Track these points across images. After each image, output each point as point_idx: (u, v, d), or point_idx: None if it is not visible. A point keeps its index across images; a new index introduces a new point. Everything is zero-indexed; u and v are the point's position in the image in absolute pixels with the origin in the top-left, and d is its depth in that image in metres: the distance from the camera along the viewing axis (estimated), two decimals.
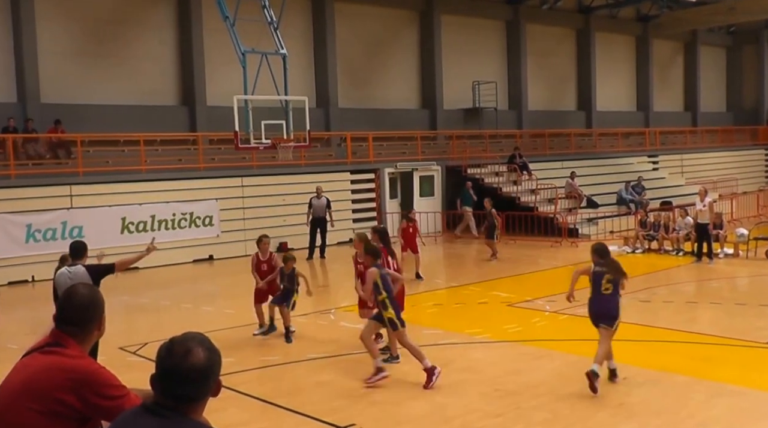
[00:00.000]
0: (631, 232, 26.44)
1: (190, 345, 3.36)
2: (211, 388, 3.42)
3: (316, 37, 33.24)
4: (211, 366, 3.38)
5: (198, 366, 3.32)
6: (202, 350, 3.36)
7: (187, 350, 3.33)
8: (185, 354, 3.32)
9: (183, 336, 3.42)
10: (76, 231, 22.81)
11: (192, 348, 3.34)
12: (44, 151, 25.20)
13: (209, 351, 3.39)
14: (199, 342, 3.40)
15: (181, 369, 3.30)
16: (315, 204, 25.32)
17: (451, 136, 35.55)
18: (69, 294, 4.34)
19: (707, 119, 53.04)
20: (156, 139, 27.29)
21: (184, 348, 3.34)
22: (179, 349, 3.34)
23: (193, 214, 25.51)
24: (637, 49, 49.43)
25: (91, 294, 4.34)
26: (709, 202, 22.55)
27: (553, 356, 12.47)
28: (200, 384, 3.35)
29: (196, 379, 3.33)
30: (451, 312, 16.72)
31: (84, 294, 4.30)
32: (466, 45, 38.77)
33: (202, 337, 3.44)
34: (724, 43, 56.47)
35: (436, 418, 9.63)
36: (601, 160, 38.62)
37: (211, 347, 3.43)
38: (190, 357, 3.31)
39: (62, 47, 26.83)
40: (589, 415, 9.54)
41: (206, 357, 3.36)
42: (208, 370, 3.36)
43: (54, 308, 4.32)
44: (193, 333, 3.48)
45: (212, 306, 18.24)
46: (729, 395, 10.19)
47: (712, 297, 18.05)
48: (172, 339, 3.42)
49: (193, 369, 3.31)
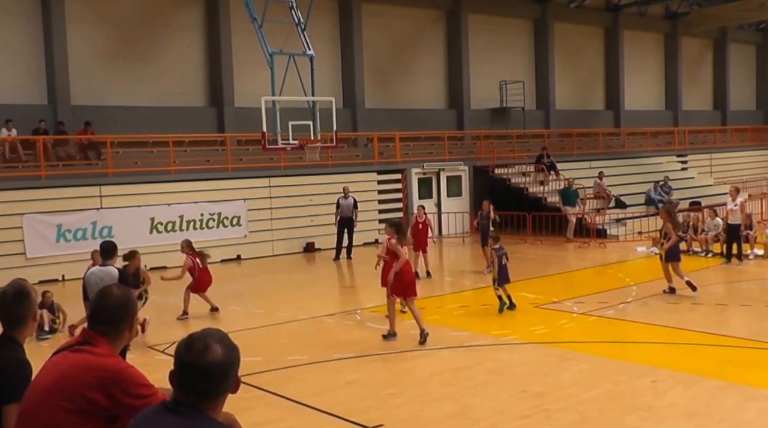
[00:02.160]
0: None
1: (209, 341, 3.36)
2: (230, 385, 3.41)
3: (343, 38, 33.48)
4: (230, 362, 3.37)
5: (217, 362, 3.32)
6: (220, 346, 3.36)
7: (206, 346, 3.34)
8: (204, 350, 3.32)
9: (202, 333, 3.42)
10: (106, 231, 23.15)
11: (211, 345, 3.34)
12: (74, 152, 25.60)
13: (228, 348, 3.39)
14: (218, 338, 3.40)
15: (199, 366, 3.30)
16: (342, 204, 25.51)
17: (479, 135, 35.62)
18: (102, 294, 4.37)
19: (737, 118, 52.66)
20: (184, 140, 27.65)
21: (202, 344, 3.35)
22: (198, 345, 3.34)
23: (221, 214, 25.79)
24: (666, 47, 49.18)
25: (124, 294, 4.37)
26: (741, 202, 22.41)
27: (581, 358, 12.43)
28: (219, 381, 3.34)
29: (214, 375, 3.32)
30: (478, 314, 16.68)
31: (117, 295, 4.32)
32: (493, 44, 38.83)
33: (221, 334, 3.44)
34: (754, 40, 55.97)
35: (464, 419, 9.63)
36: (629, 159, 38.52)
37: (230, 344, 3.42)
38: (208, 354, 3.32)
39: (92, 50, 27.20)
40: (617, 418, 9.48)
41: (225, 353, 3.35)
42: (227, 366, 3.36)
43: (83, 307, 4.45)
44: (212, 330, 3.48)
45: (240, 305, 18.41)
46: (761, 399, 10.14)
47: (742, 299, 17.95)
48: (191, 336, 3.43)
49: (212, 366, 3.31)
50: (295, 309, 17.62)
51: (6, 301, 4.86)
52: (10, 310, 4.85)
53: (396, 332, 14.19)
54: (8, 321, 4.87)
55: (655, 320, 15.22)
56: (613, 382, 10.94)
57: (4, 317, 4.88)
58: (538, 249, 24.17)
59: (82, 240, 22.95)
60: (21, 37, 25.93)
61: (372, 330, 15.03)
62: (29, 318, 4.90)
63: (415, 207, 29.60)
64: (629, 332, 14.53)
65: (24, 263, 21.94)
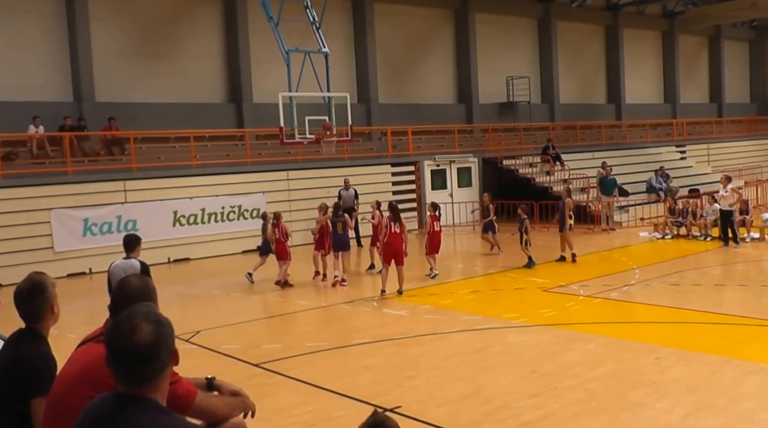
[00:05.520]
0: (660, 219, 26.93)
1: (135, 321, 3.13)
2: (167, 362, 3.17)
3: (356, 36, 33.94)
4: (160, 339, 3.13)
5: (146, 343, 3.09)
6: (147, 324, 3.12)
7: (132, 328, 3.10)
8: (130, 332, 3.10)
9: (128, 312, 3.20)
10: (131, 225, 23.51)
11: (137, 325, 3.11)
12: (99, 148, 25.85)
13: (156, 324, 3.15)
14: (144, 316, 3.17)
15: (128, 349, 3.08)
16: (344, 195, 25.94)
17: (487, 129, 36.34)
18: (122, 284, 4.31)
19: (732, 110, 53.61)
20: (205, 136, 27.99)
21: (129, 325, 3.12)
22: (124, 327, 3.13)
23: (242, 206, 26.15)
24: (664, 44, 50.08)
25: (144, 284, 4.30)
26: (732, 188, 23.04)
27: (588, 338, 12.70)
28: (153, 361, 3.11)
29: (146, 357, 3.09)
30: (489, 298, 17.08)
31: (136, 285, 4.26)
32: (499, 42, 39.51)
33: (148, 310, 3.23)
34: (747, 37, 56.88)
35: (477, 399, 9.83)
36: (630, 150, 39.25)
37: (158, 319, 3.19)
38: (135, 336, 3.08)
39: (115, 48, 27.50)
40: (623, 394, 9.72)
41: (153, 330, 3.12)
42: (158, 344, 3.12)
43: (109, 299, 4.41)
44: (139, 307, 3.26)
45: (261, 295, 18.73)
46: (759, 373, 10.40)
47: (739, 279, 18.57)
48: (118, 317, 3.23)
49: (142, 347, 3.08)
50: (313, 296, 18.12)
51: (22, 297, 4.81)
52: (27, 306, 4.80)
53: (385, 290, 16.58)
54: (27, 316, 4.83)
55: (658, 301, 15.67)
56: (618, 360, 11.23)
57: (23, 312, 4.82)
58: (545, 236, 24.27)
59: (108, 233, 23.20)
60: (47, 37, 26.12)
61: (388, 315, 15.44)
62: (47, 311, 4.82)
63: (427, 198, 29.90)
64: (633, 313, 14.94)
65: (52, 257, 22.26)
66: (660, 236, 25.59)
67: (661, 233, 25.76)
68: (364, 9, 33.69)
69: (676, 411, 9.10)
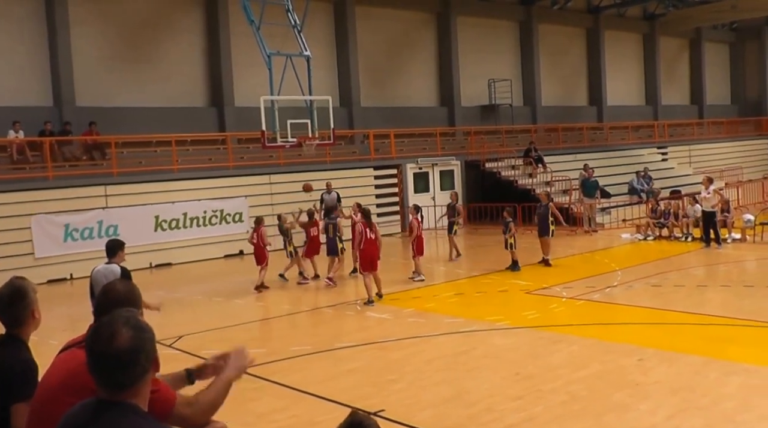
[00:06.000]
0: (642, 221, 27.06)
1: (115, 327, 3.11)
2: (147, 368, 3.16)
3: (338, 40, 33.89)
4: (139, 344, 3.11)
5: (125, 348, 3.07)
6: (127, 330, 3.11)
7: (112, 334, 3.09)
8: (110, 338, 3.08)
9: (109, 318, 3.19)
10: (112, 230, 23.33)
11: (117, 331, 3.10)
12: (80, 153, 25.69)
13: (136, 329, 3.14)
14: (125, 321, 3.15)
15: (108, 354, 3.07)
16: (326, 198, 25.49)
17: (469, 131, 36.36)
18: (107, 289, 4.30)
19: (713, 111, 53.98)
20: (187, 140, 27.88)
21: (109, 330, 3.11)
22: (105, 332, 3.12)
23: (224, 211, 26.05)
24: (645, 46, 50.31)
25: (129, 289, 4.30)
26: (714, 190, 23.12)
27: (571, 340, 12.73)
28: (132, 367, 3.09)
29: (125, 362, 3.08)
30: (472, 301, 17.06)
31: (120, 290, 4.26)
32: (481, 45, 39.56)
33: (127, 315, 3.21)
34: (727, 39, 57.31)
35: (460, 402, 9.84)
36: (612, 152, 39.45)
37: (139, 324, 3.18)
38: (115, 341, 3.07)
39: (96, 52, 27.33)
40: (606, 396, 9.75)
41: (133, 336, 3.10)
42: (137, 350, 3.10)
43: (90, 305, 4.41)
44: (120, 312, 3.26)
45: (243, 299, 18.59)
46: (741, 373, 10.44)
47: (721, 280, 18.65)
48: (99, 322, 3.24)
49: (121, 352, 3.06)
50: (296, 301, 18.05)
51: (3, 302, 4.74)
52: (8, 311, 4.74)
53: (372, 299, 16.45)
54: (8, 322, 4.78)
55: (640, 302, 15.79)
56: (602, 362, 11.24)
57: (4, 318, 4.77)
58: (528, 238, 24.18)
59: (89, 239, 23.04)
60: (26, 41, 25.94)
61: (371, 319, 15.45)
62: (28, 317, 4.78)
63: (410, 201, 29.67)
64: (616, 314, 14.98)
65: (33, 263, 22.08)
66: (642, 237, 25.69)
67: (643, 234, 25.85)
68: (346, 12, 33.66)
69: (660, 412, 9.12)
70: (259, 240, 19.46)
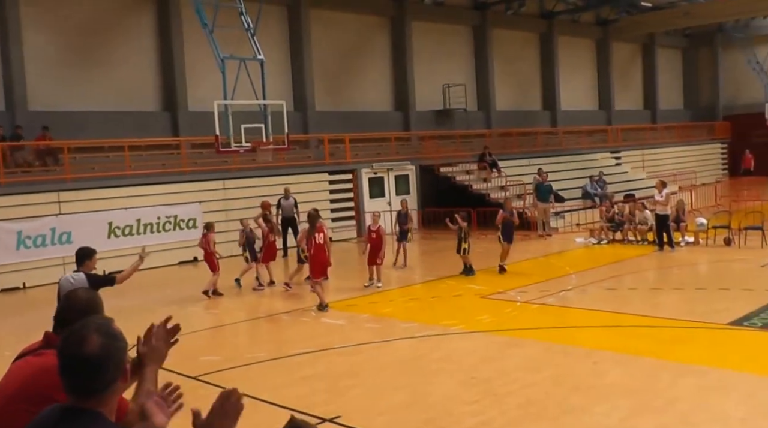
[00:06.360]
0: (596, 224, 27.24)
1: (85, 333, 3.10)
2: (115, 377, 3.13)
3: (292, 43, 33.70)
4: (108, 352, 3.09)
5: (93, 355, 3.05)
6: (97, 336, 3.09)
7: (82, 339, 3.08)
8: (80, 343, 3.07)
9: (82, 323, 3.17)
10: (65, 237, 23.00)
11: (87, 337, 3.08)
12: (32, 158, 25.24)
13: (107, 337, 3.12)
14: (96, 328, 3.13)
15: (77, 359, 3.05)
16: (284, 204, 25.50)
17: (424, 136, 36.39)
18: (68, 297, 4.28)
19: (666, 116, 54.71)
20: (140, 145, 27.49)
21: (78, 337, 3.09)
22: (74, 338, 3.10)
23: (177, 216, 25.73)
24: (598, 52, 50.81)
25: (90, 297, 4.29)
26: (667, 194, 23.30)
27: (525, 344, 12.83)
28: (99, 374, 3.07)
29: (92, 369, 3.06)
30: (428, 306, 17.04)
31: (82, 298, 4.25)
32: (435, 49, 39.61)
33: (100, 323, 3.20)
34: (680, 44, 58.17)
35: (417, 406, 9.89)
36: (566, 156, 39.70)
37: (110, 332, 3.17)
38: (84, 347, 3.05)
39: (48, 55, 26.95)
40: (561, 398, 9.82)
41: (103, 344, 3.08)
42: (105, 358, 3.07)
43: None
44: (95, 319, 3.27)
45: (198, 306, 18.32)
46: (694, 374, 10.59)
47: (674, 283, 18.85)
48: (71, 328, 3.19)
49: (89, 358, 3.05)
50: (251, 307, 17.93)
51: None
52: None
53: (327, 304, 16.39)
54: None
55: (594, 305, 15.90)
56: (557, 365, 11.34)
57: None
58: (483, 243, 24.24)
59: (42, 246, 22.66)
60: None
61: (327, 325, 15.35)
62: None
63: (366, 205, 30.07)
64: (570, 318, 15.04)
65: None
66: (596, 241, 25.87)
67: (597, 238, 26.05)
68: (300, 16, 33.52)
69: (615, 414, 9.20)
70: (207, 246, 19.29)
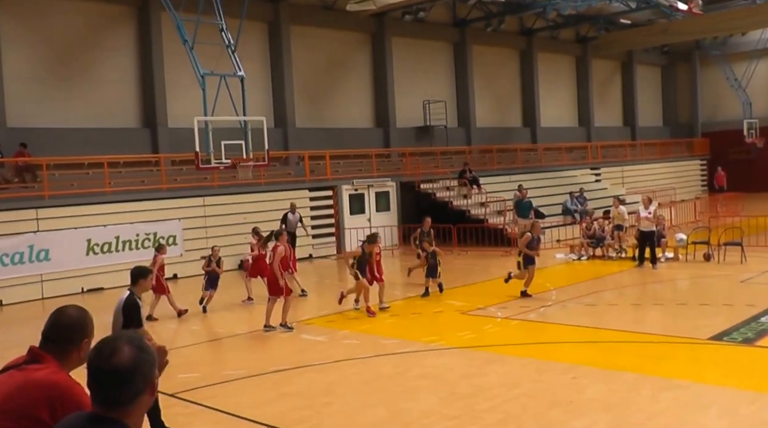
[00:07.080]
0: (576, 241, 27.37)
1: (117, 344, 3.15)
2: (142, 390, 3.15)
3: (273, 60, 33.66)
4: (138, 364, 3.13)
5: (123, 366, 3.09)
6: (129, 348, 3.13)
7: (114, 349, 3.13)
8: (111, 353, 3.11)
9: (112, 336, 3.25)
10: (43, 255, 22.84)
11: (118, 348, 3.13)
12: (10, 175, 25.10)
13: (138, 350, 3.15)
14: (128, 340, 3.19)
15: (106, 370, 3.09)
16: (290, 218, 25.52)
17: (404, 153, 36.35)
18: (58, 313, 4.20)
19: (645, 133, 54.96)
20: (119, 162, 27.44)
21: (110, 347, 3.14)
22: (106, 349, 3.15)
23: (157, 234, 25.44)
24: (578, 69, 50.97)
25: (79, 316, 4.20)
26: (655, 210, 23.29)
27: (505, 360, 12.82)
28: (128, 385, 3.10)
29: (122, 380, 3.09)
30: (408, 322, 17.04)
31: (71, 315, 4.17)
32: (416, 66, 39.69)
33: (132, 336, 3.25)
34: (658, 61, 58.50)
35: (396, 423, 9.86)
36: (546, 173, 39.85)
37: (142, 345, 3.20)
38: (115, 357, 3.10)
39: (27, 72, 26.83)
40: (540, 414, 9.84)
41: (133, 356, 3.12)
42: (134, 369, 3.11)
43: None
44: (124, 332, 3.34)
45: (177, 323, 18.32)
46: (674, 389, 10.61)
47: (655, 298, 18.89)
48: (103, 339, 3.25)
49: (119, 369, 3.09)
50: (231, 324, 17.76)
51: None
52: None
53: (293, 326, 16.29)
54: None
55: (574, 321, 15.91)
56: (536, 381, 11.35)
57: None
58: (464, 259, 24.38)
59: (20, 264, 22.40)
60: None
61: (307, 341, 15.30)
62: None
63: (346, 222, 30.09)
64: (550, 333, 15.10)
65: None
66: (576, 257, 25.92)
67: (577, 254, 26.10)
68: (281, 32, 33.48)
69: None
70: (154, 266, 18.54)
